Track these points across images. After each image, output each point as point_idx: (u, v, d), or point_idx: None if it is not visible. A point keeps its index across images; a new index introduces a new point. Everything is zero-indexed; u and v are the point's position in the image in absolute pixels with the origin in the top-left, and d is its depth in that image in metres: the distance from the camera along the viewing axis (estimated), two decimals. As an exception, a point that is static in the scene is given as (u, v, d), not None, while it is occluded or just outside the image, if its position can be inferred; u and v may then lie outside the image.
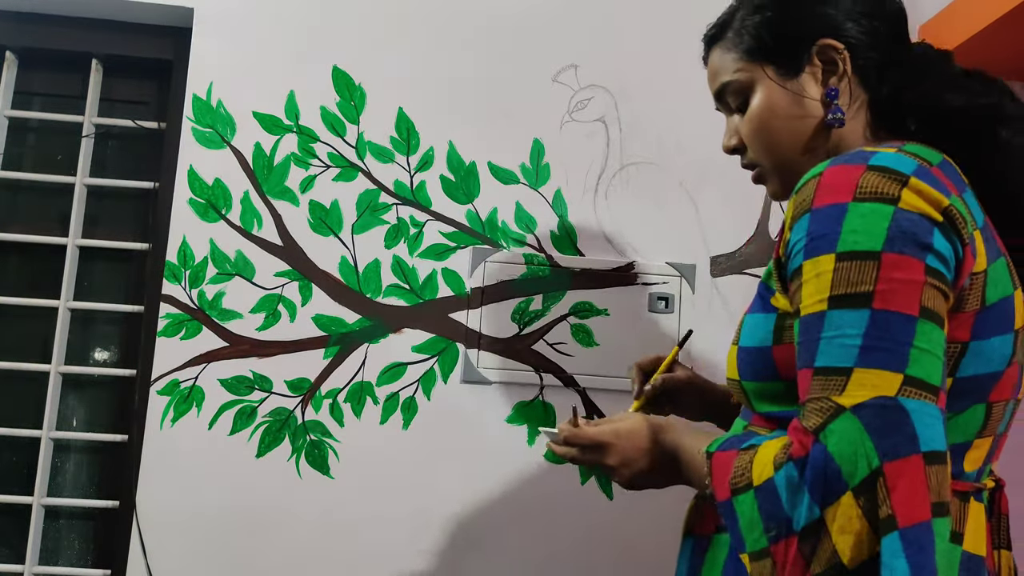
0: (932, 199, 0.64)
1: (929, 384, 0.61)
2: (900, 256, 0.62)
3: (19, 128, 1.58)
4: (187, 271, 1.41)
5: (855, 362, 0.61)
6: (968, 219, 0.66)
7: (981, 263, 0.66)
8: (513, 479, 1.41)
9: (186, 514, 1.36)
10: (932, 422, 0.60)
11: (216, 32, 1.46)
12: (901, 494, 0.58)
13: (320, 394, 1.40)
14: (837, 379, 0.62)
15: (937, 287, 0.63)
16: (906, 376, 0.61)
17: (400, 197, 1.45)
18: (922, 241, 0.63)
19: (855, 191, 0.64)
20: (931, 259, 0.63)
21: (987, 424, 0.71)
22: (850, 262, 0.63)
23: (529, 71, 1.49)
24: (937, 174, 0.67)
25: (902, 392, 0.60)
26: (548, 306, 1.45)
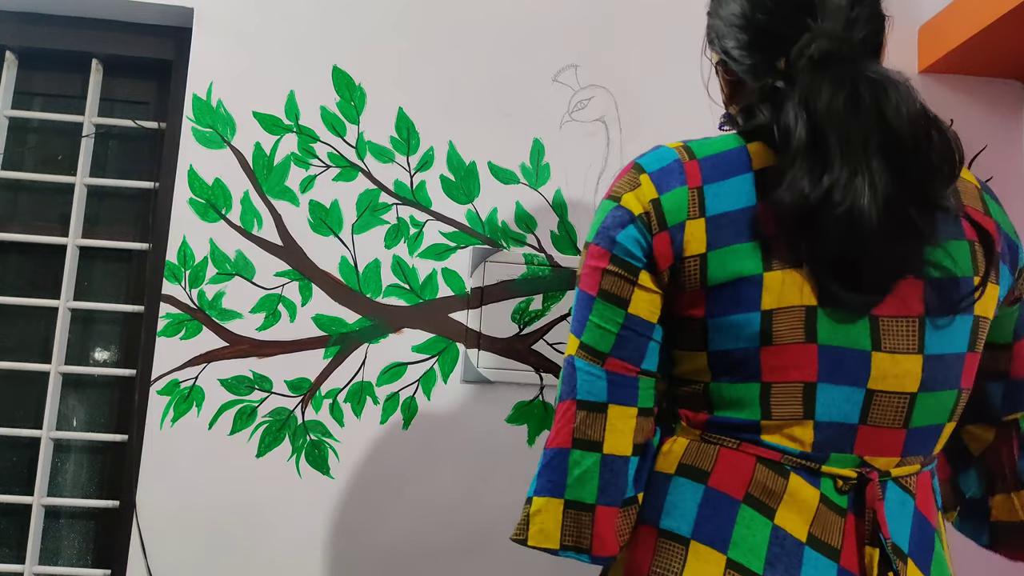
0: (642, 196, 0.77)
1: (594, 349, 0.78)
2: (595, 247, 0.79)
3: (19, 128, 1.58)
4: (187, 271, 1.41)
5: (571, 327, 0.81)
6: (682, 210, 0.75)
7: (696, 248, 0.75)
8: (513, 479, 1.41)
9: (186, 514, 1.36)
10: (590, 378, 0.77)
11: (216, 32, 1.46)
12: (555, 426, 0.79)
13: (320, 394, 1.40)
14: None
15: (618, 273, 0.77)
16: (581, 342, 0.78)
17: (400, 197, 1.45)
18: (611, 235, 0.78)
19: (611, 189, 0.81)
20: (617, 250, 0.77)
21: (773, 404, 0.73)
22: (583, 249, 0.82)
23: (529, 71, 1.49)
24: (688, 167, 0.77)
25: (577, 354, 0.78)
26: (548, 306, 1.45)
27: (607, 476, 0.77)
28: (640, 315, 0.77)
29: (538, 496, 0.79)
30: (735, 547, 0.72)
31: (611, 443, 0.77)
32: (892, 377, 0.73)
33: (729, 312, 0.74)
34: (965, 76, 1.51)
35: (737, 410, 0.75)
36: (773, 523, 0.73)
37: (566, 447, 0.77)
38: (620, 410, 0.77)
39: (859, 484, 0.74)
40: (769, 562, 0.71)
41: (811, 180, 0.70)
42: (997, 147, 1.52)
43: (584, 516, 0.76)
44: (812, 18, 0.76)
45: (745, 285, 0.73)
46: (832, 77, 0.71)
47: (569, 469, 0.77)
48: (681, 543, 0.74)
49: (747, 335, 0.73)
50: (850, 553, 0.72)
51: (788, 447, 0.74)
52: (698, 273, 0.75)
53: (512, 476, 1.41)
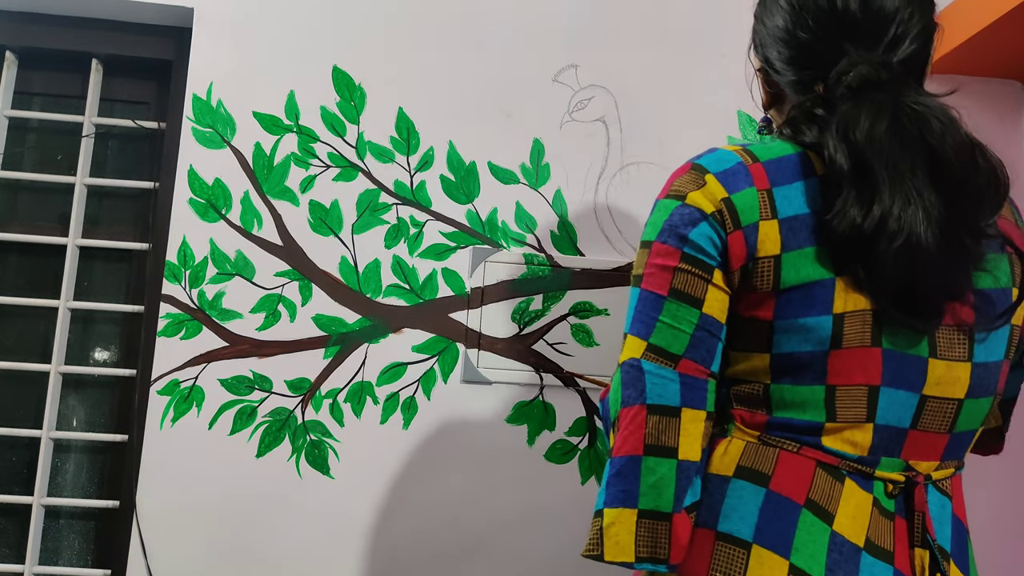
0: (711, 195, 0.76)
1: (666, 351, 0.75)
2: (663, 245, 0.77)
3: (19, 128, 1.58)
4: (187, 271, 1.41)
5: (627, 329, 0.78)
6: (754, 210, 0.75)
7: (770, 249, 0.74)
8: (513, 479, 1.41)
9: (186, 514, 1.36)
10: (662, 381, 0.74)
11: (216, 32, 1.46)
12: (621, 433, 0.75)
13: (320, 394, 1.40)
14: (623, 342, 0.78)
15: (692, 272, 0.75)
16: (649, 343, 0.75)
17: (400, 197, 1.45)
18: (682, 232, 0.76)
19: (668, 188, 0.79)
20: (689, 248, 0.75)
21: (838, 407, 0.74)
22: (640, 249, 0.79)
23: (529, 71, 1.49)
24: (753, 170, 0.76)
25: (645, 356, 0.75)
26: (548, 306, 1.45)
27: (683, 483, 0.74)
28: (713, 315, 0.76)
29: (610, 508, 0.74)
30: (797, 552, 0.72)
31: (685, 448, 0.74)
32: (946, 383, 0.75)
33: (800, 315, 0.74)
34: (965, 76, 1.51)
35: (800, 412, 0.76)
36: (832, 529, 0.73)
37: (638, 454, 0.74)
38: (692, 414, 0.75)
39: (907, 488, 0.75)
40: (829, 568, 0.72)
41: (861, 209, 0.70)
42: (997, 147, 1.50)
43: (661, 525, 0.73)
44: (851, 41, 0.76)
45: (818, 288, 0.73)
46: (870, 106, 0.72)
47: (642, 477, 0.73)
48: (742, 547, 0.74)
49: (817, 338, 0.74)
50: (902, 556, 0.73)
51: (846, 451, 0.75)
52: (771, 275, 0.74)
53: (512, 476, 1.41)
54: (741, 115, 1.50)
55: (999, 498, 1.45)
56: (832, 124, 0.73)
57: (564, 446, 1.42)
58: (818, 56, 0.78)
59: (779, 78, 0.83)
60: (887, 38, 0.76)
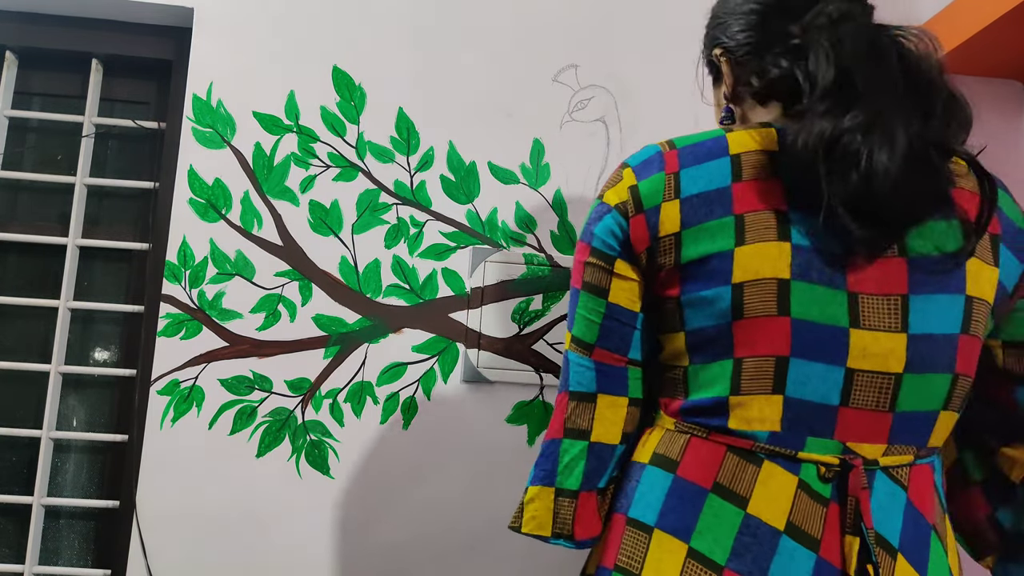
0: (621, 187, 0.80)
1: (583, 341, 0.81)
2: (580, 243, 0.83)
3: (19, 128, 1.58)
4: (187, 271, 1.41)
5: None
6: (658, 194, 0.77)
7: (670, 228, 0.76)
8: (513, 479, 1.41)
9: (186, 514, 1.36)
10: (580, 369, 0.81)
11: (216, 32, 1.46)
12: (552, 418, 0.83)
13: (320, 394, 1.40)
14: None
15: (596, 264, 0.80)
16: (572, 335, 0.82)
17: (400, 197, 1.45)
18: (590, 229, 0.81)
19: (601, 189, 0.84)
20: (595, 242, 0.80)
21: (743, 379, 0.72)
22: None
23: (529, 71, 1.49)
24: (667, 156, 0.78)
25: (570, 347, 0.82)
26: (548, 306, 1.45)
27: (593, 463, 0.80)
28: (620, 304, 0.79)
29: (532, 485, 0.82)
30: (698, 536, 0.72)
31: (599, 431, 0.80)
32: (873, 356, 0.70)
33: (701, 288, 0.74)
34: (965, 76, 1.51)
35: (708, 389, 0.75)
36: (746, 512, 0.71)
37: (558, 437, 0.81)
38: (609, 399, 0.80)
39: (843, 471, 0.71)
40: (736, 552, 0.70)
41: (832, 120, 0.70)
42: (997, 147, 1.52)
43: (568, 503, 0.80)
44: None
45: (716, 260, 0.74)
46: (853, 30, 0.74)
47: (559, 458, 0.81)
48: (645, 531, 0.75)
49: (719, 310, 0.73)
50: (831, 543, 0.70)
51: (756, 431, 0.72)
52: (672, 251, 0.76)
53: (512, 476, 1.41)
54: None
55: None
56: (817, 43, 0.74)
57: (564, 446, 1.42)
58: (788, 9, 0.80)
59: (741, 49, 0.83)
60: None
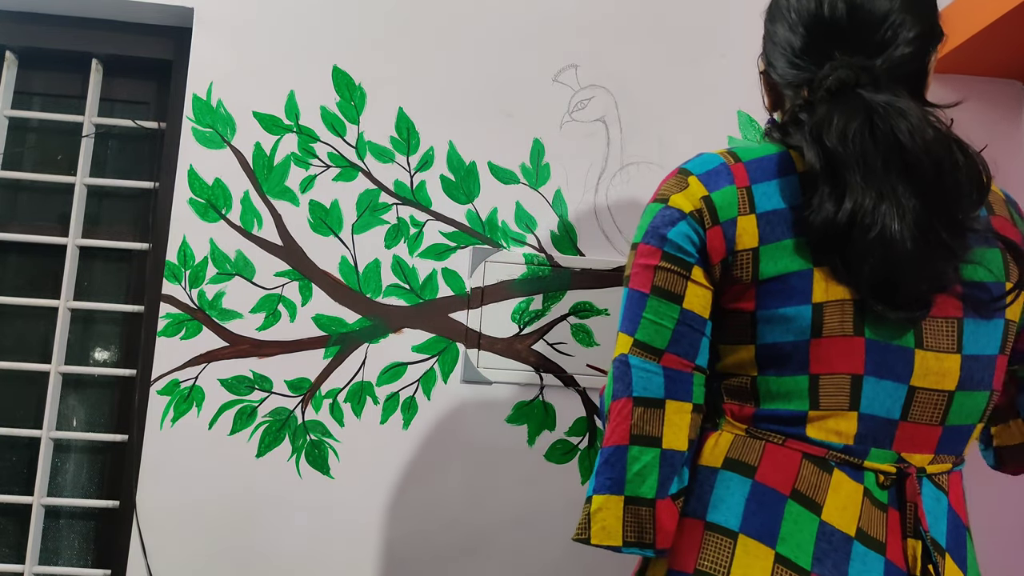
0: (692, 195, 0.79)
1: (650, 346, 0.79)
2: (646, 246, 0.81)
3: (19, 128, 1.58)
4: (187, 271, 1.41)
5: (619, 327, 0.82)
6: (733, 207, 0.78)
7: (748, 242, 0.77)
8: (513, 479, 1.41)
9: (186, 514, 1.36)
10: (647, 375, 0.79)
11: (216, 32, 1.46)
12: (611, 424, 0.80)
13: (320, 394, 1.40)
14: (616, 340, 0.83)
15: (671, 269, 0.79)
16: (635, 339, 0.80)
17: (400, 197, 1.45)
18: (661, 233, 0.80)
19: (656, 193, 0.84)
20: (668, 247, 0.79)
21: (821, 395, 0.76)
22: (630, 252, 0.84)
23: (529, 71, 1.49)
24: (735, 169, 0.79)
25: (631, 351, 0.80)
26: (548, 306, 1.45)
27: (666, 471, 0.78)
28: (694, 310, 0.79)
29: (598, 494, 0.79)
30: (783, 542, 0.74)
31: (669, 438, 0.78)
32: (934, 375, 0.76)
33: (780, 305, 0.76)
34: (965, 76, 1.51)
35: (785, 402, 0.77)
36: (820, 519, 0.74)
37: (624, 444, 0.79)
38: (677, 405, 0.79)
39: (899, 479, 0.76)
40: (817, 557, 0.73)
41: (835, 205, 0.72)
42: (997, 147, 1.52)
43: (645, 511, 0.77)
44: (840, 46, 0.79)
45: (796, 279, 0.76)
46: (845, 107, 0.74)
47: (628, 465, 0.78)
48: (729, 536, 0.75)
49: (797, 328, 0.76)
50: (894, 546, 0.74)
51: (832, 441, 0.76)
52: (750, 267, 0.77)
53: (512, 476, 1.41)
54: (741, 115, 1.50)
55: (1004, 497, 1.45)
56: (805, 126, 0.76)
57: (564, 446, 1.42)
58: (809, 60, 0.81)
59: (779, 80, 0.86)
60: (873, 42, 0.78)
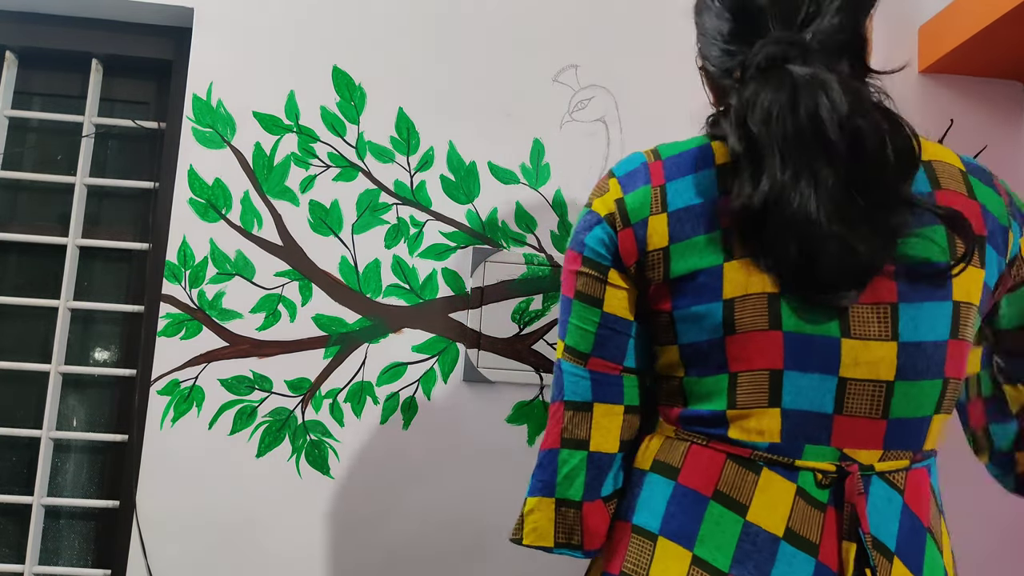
0: (608, 198, 0.80)
1: (577, 350, 0.80)
2: (570, 251, 0.82)
3: (19, 128, 1.58)
4: (187, 271, 1.41)
5: (558, 332, 0.84)
6: (645, 207, 0.77)
7: (658, 242, 0.76)
8: (513, 479, 1.41)
9: (186, 514, 1.36)
10: (575, 379, 0.80)
11: (216, 32, 1.46)
12: (547, 428, 0.82)
13: (320, 394, 1.40)
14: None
15: (589, 274, 0.79)
16: (565, 344, 0.81)
17: (400, 197, 1.45)
18: (580, 238, 0.81)
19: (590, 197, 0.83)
20: (587, 251, 0.80)
21: (739, 393, 0.74)
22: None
23: (529, 71, 1.49)
24: (653, 168, 0.79)
25: (563, 356, 0.81)
26: (548, 306, 1.45)
27: (593, 472, 0.79)
28: (615, 313, 0.79)
29: (531, 496, 0.82)
30: (701, 543, 0.73)
31: (597, 440, 0.79)
32: (865, 364, 0.72)
33: (692, 304, 0.75)
34: (965, 76, 1.51)
35: (706, 402, 0.76)
36: (745, 519, 0.72)
37: (555, 447, 0.81)
38: (606, 408, 0.80)
39: (839, 477, 0.73)
40: (737, 559, 0.71)
41: (752, 186, 0.70)
42: (997, 147, 1.52)
43: (572, 513, 0.79)
44: (768, 25, 0.75)
45: (705, 276, 0.74)
46: (770, 85, 0.71)
47: (558, 468, 0.80)
48: (650, 539, 0.75)
49: (710, 325, 0.74)
50: (829, 548, 0.71)
51: (756, 441, 0.73)
52: (661, 266, 0.76)
53: (512, 476, 1.41)
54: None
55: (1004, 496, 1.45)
56: (732, 110, 0.73)
57: (564, 446, 1.42)
58: (740, 44, 0.77)
59: (714, 71, 0.82)
60: (799, 18, 0.74)
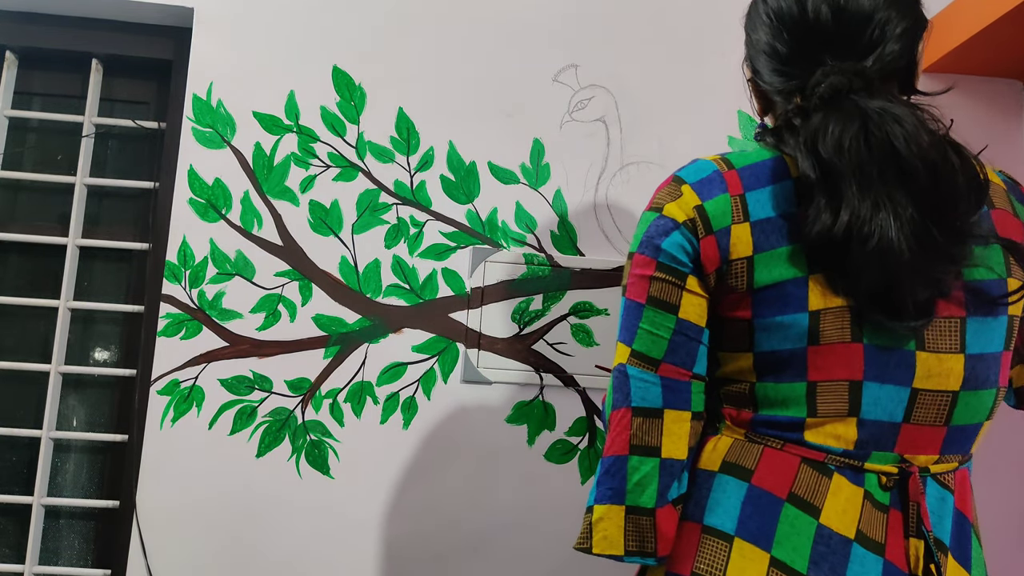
0: (685, 204, 0.79)
1: (647, 356, 0.79)
2: (641, 256, 0.81)
3: (19, 128, 1.58)
4: (187, 271, 1.41)
5: (617, 336, 0.82)
6: (727, 215, 0.77)
7: (742, 251, 0.76)
8: (513, 479, 1.41)
9: (186, 514, 1.36)
10: (644, 385, 0.79)
11: (216, 32, 1.46)
12: (611, 434, 0.80)
13: (320, 394, 1.40)
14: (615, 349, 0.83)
15: (666, 279, 0.79)
16: (632, 349, 0.80)
17: (400, 197, 1.45)
18: (656, 243, 0.80)
19: (651, 202, 0.83)
20: (663, 257, 0.79)
21: (819, 402, 0.75)
22: (626, 261, 0.84)
23: (529, 71, 1.49)
24: (728, 176, 0.79)
25: (629, 361, 0.80)
26: (548, 306, 1.45)
27: (666, 479, 0.78)
28: (690, 319, 0.79)
29: (599, 504, 0.79)
30: (779, 545, 0.74)
31: (668, 447, 0.78)
32: (937, 376, 0.75)
33: (776, 313, 0.76)
34: (965, 76, 1.51)
35: (783, 408, 0.77)
36: (819, 522, 0.74)
37: (624, 454, 0.79)
38: (675, 415, 0.79)
39: (901, 479, 0.76)
40: (814, 560, 0.73)
41: (832, 215, 0.72)
42: (997, 147, 1.52)
43: (646, 520, 0.78)
44: (827, 50, 0.77)
45: (791, 287, 0.75)
46: (839, 115, 0.73)
47: (628, 475, 0.78)
48: (725, 540, 0.76)
49: (794, 335, 0.75)
50: (895, 547, 0.74)
51: (831, 446, 0.76)
52: (745, 275, 0.77)
53: (512, 476, 1.41)
54: (741, 115, 1.50)
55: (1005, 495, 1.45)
56: (800, 135, 0.75)
57: (564, 446, 1.42)
58: (798, 66, 0.79)
59: (766, 88, 0.84)
60: (862, 43, 0.76)
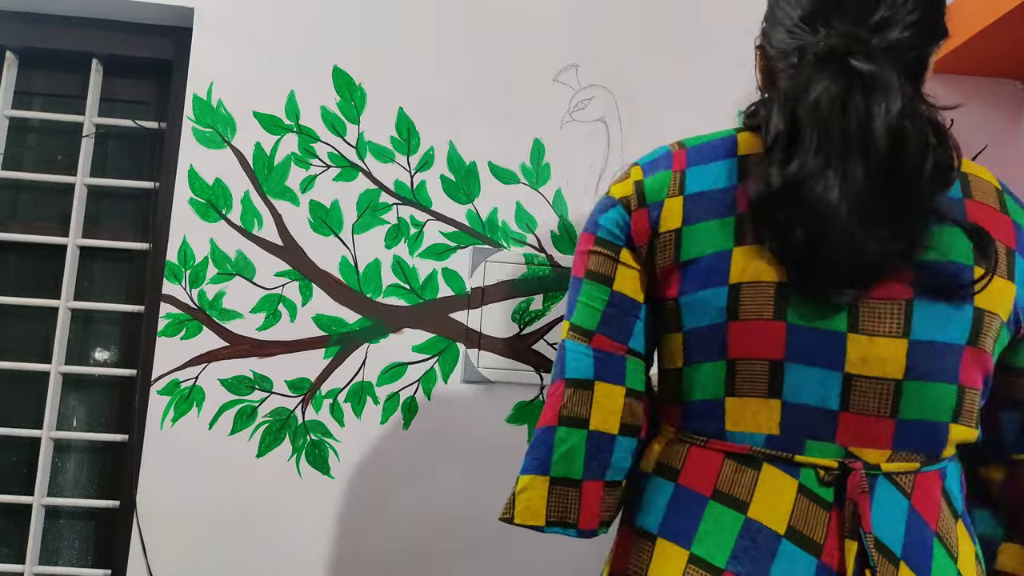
0: (626, 183, 0.81)
1: (582, 328, 0.80)
2: (583, 234, 0.83)
3: (19, 128, 1.58)
4: (187, 271, 1.41)
5: (564, 314, 0.84)
6: (663, 189, 0.78)
7: (672, 223, 0.76)
8: (513, 479, 1.40)
9: (186, 514, 1.36)
10: (577, 356, 0.79)
11: (216, 32, 1.46)
12: (545, 406, 0.81)
13: (320, 394, 1.40)
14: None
15: (601, 252, 0.80)
16: (571, 323, 0.81)
17: (400, 197, 1.45)
18: (595, 219, 0.82)
19: (609, 185, 0.85)
20: (601, 232, 0.81)
21: (737, 381, 0.73)
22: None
23: (529, 71, 1.49)
24: (676, 155, 0.80)
25: (568, 335, 0.81)
26: (548, 306, 1.45)
27: (592, 451, 0.78)
28: (624, 292, 0.79)
29: (524, 474, 0.80)
30: (699, 542, 0.72)
31: (597, 420, 0.78)
32: (872, 361, 0.70)
33: (699, 287, 0.74)
34: (965, 76, 1.51)
35: (704, 391, 0.75)
36: (746, 516, 0.72)
37: (553, 425, 0.79)
38: (607, 387, 0.78)
39: (842, 475, 0.71)
40: (735, 555, 0.71)
41: (780, 168, 0.69)
42: (997, 147, 1.52)
43: (570, 492, 0.78)
44: (839, 17, 0.74)
45: (714, 259, 0.74)
46: (827, 73, 0.70)
47: (555, 447, 0.78)
48: (649, 540, 0.75)
49: (713, 310, 0.73)
50: (833, 548, 0.70)
51: (754, 433, 0.73)
52: (672, 248, 0.76)
53: (512, 476, 1.40)
54: (741, 115, 1.50)
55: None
56: (782, 89, 0.72)
57: (564, 446, 1.42)
58: (806, 29, 0.76)
59: (773, 52, 0.79)
60: (873, 19, 0.73)
